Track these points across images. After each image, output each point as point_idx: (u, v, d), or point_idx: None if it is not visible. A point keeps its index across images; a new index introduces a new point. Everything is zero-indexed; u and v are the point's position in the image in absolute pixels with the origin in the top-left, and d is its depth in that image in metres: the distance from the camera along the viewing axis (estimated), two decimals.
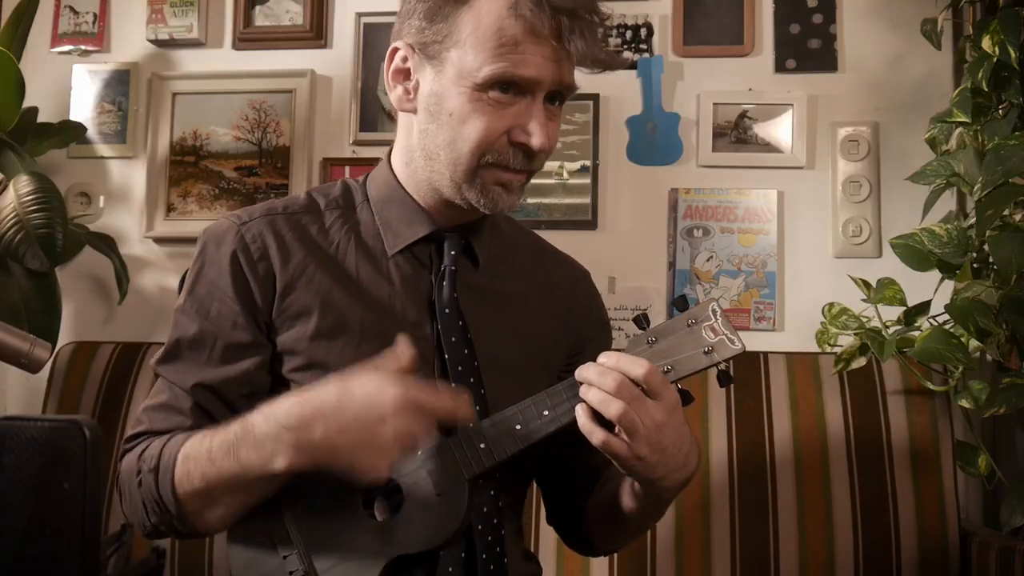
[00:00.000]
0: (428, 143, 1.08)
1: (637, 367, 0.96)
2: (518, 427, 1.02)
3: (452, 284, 1.11)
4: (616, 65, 1.08)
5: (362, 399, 0.93)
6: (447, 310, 1.10)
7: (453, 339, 1.09)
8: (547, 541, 1.29)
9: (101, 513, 0.73)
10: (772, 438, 1.78)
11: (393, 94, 1.11)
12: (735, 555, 1.73)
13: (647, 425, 0.95)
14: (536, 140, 1.04)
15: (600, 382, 0.96)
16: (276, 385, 1.10)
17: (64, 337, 2.09)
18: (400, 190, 1.14)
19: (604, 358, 0.98)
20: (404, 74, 1.09)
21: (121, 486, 1.08)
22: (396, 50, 1.09)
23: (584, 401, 0.98)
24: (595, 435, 0.97)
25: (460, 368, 1.08)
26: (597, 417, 0.97)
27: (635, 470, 1.00)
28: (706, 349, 1.00)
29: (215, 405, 1.07)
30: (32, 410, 2.19)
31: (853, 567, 1.71)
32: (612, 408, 0.95)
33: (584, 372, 0.99)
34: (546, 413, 1.02)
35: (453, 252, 1.13)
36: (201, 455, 0.99)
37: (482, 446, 1.01)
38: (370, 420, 0.92)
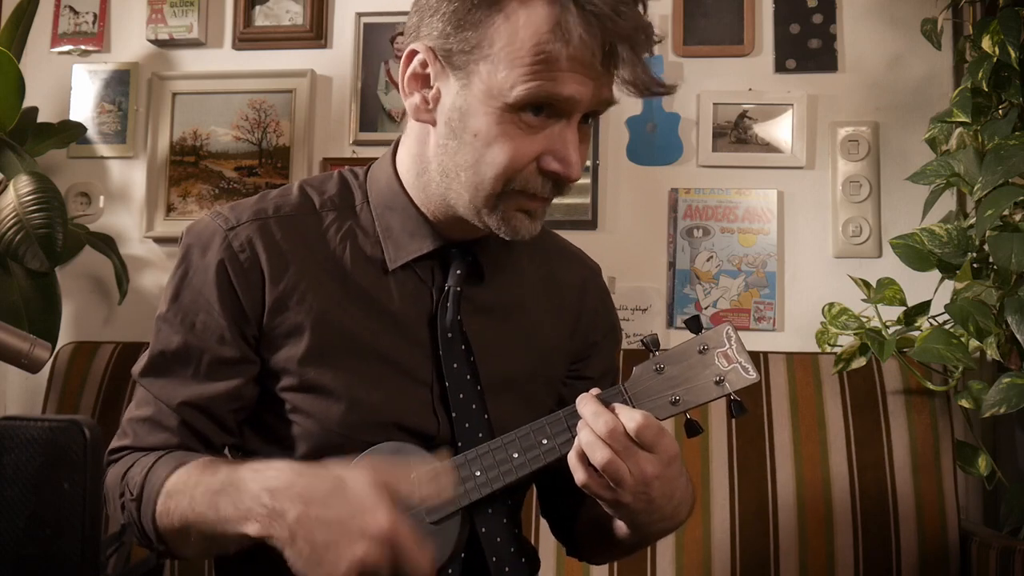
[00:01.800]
0: (447, 160, 0.98)
1: (629, 420, 0.89)
2: (516, 455, 0.98)
3: (456, 306, 1.04)
4: (664, 91, 0.94)
5: (352, 505, 0.85)
6: (449, 334, 1.04)
7: (455, 366, 1.04)
8: (547, 537, 1.29)
9: (101, 513, 0.73)
10: (772, 438, 1.78)
11: (409, 102, 1.00)
12: (735, 554, 1.73)
13: (635, 476, 0.89)
14: (574, 171, 0.95)
15: (593, 423, 0.90)
16: (269, 401, 1.05)
17: (64, 337, 2.09)
18: (403, 198, 1.05)
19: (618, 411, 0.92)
20: (423, 80, 0.98)
21: (105, 497, 1.03)
22: (415, 53, 0.98)
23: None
24: (577, 473, 0.92)
25: (461, 395, 1.04)
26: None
27: (617, 513, 0.96)
28: (717, 378, 0.96)
29: (202, 422, 1.03)
30: (32, 410, 2.19)
31: (853, 567, 1.71)
32: (597, 455, 0.89)
33: (582, 406, 0.93)
34: (545, 442, 0.97)
35: (459, 272, 1.05)
36: (184, 495, 0.94)
37: (478, 474, 0.97)
38: (348, 530, 0.83)
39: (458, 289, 1.05)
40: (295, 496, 0.86)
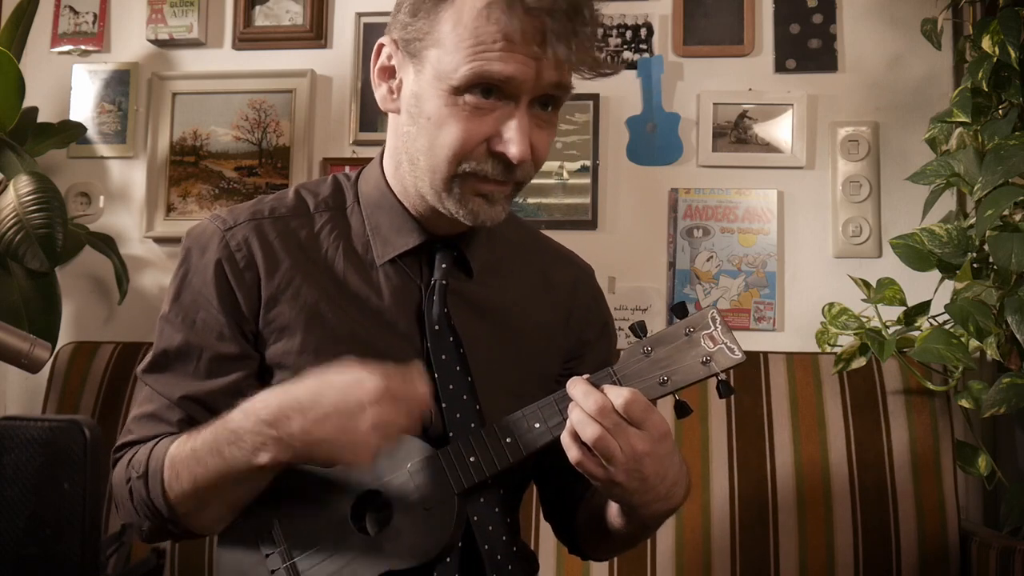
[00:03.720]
0: (410, 147, 1.02)
1: (617, 396, 0.92)
2: (508, 440, 0.99)
3: (442, 299, 1.07)
4: (604, 71, 0.98)
5: (340, 389, 0.91)
6: (437, 327, 1.06)
7: (444, 357, 1.06)
8: (547, 538, 1.29)
9: (101, 513, 0.73)
10: (772, 438, 1.78)
11: (378, 92, 1.05)
12: (735, 554, 1.73)
13: (626, 453, 0.91)
14: (514, 149, 0.96)
15: (583, 402, 0.93)
16: None
17: (64, 337, 2.09)
18: (390, 195, 1.09)
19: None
20: (389, 72, 1.04)
21: (114, 496, 1.06)
22: (382, 46, 1.04)
23: None
24: (571, 451, 0.94)
25: (451, 387, 1.05)
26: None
27: (612, 494, 0.97)
28: (704, 359, 0.97)
29: (204, 416, 1.04)
30: (32, 410, 2.19)
31: (853, 567, 1.71)
32: (587, 431, 0.91)
33: (572, 388, 0.95)
34: (537, 426, 0.99)
35: (444, 265, 1.08)
36: (187, 456, 0.97)
37: (472, 459, 0.99)
38: (349, 409, 0.90)
39: (444, 282, 1.07)
40: (289, 412, 0.92)
